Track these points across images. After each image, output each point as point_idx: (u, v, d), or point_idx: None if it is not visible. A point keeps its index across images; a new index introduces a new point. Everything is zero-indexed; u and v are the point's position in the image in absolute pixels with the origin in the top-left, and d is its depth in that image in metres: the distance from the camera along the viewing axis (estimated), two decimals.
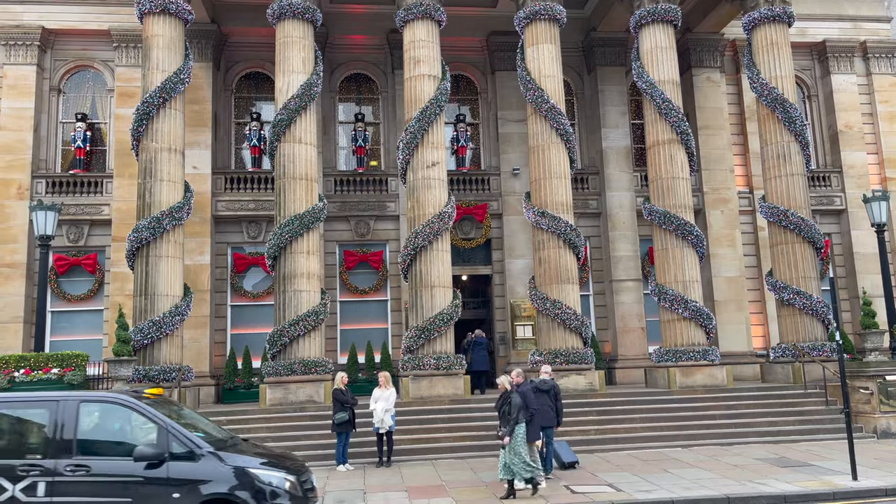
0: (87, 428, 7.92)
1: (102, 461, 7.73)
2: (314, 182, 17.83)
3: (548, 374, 12.97)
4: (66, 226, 19.97)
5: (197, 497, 7.54)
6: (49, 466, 7.56)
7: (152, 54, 17.42)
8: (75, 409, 7.89)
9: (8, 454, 7.81)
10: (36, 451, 7.79)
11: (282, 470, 8.03)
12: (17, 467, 7.55)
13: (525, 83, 18.54)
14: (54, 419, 7.81)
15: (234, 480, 7.67)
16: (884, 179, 23.59)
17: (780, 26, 19.42)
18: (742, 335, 22.04)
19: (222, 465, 7.76)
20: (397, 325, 21.15)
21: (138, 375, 15.70)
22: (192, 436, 7.98)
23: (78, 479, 7.55)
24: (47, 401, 8.13)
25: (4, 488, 7.44)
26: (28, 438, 8.11)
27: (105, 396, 8.52)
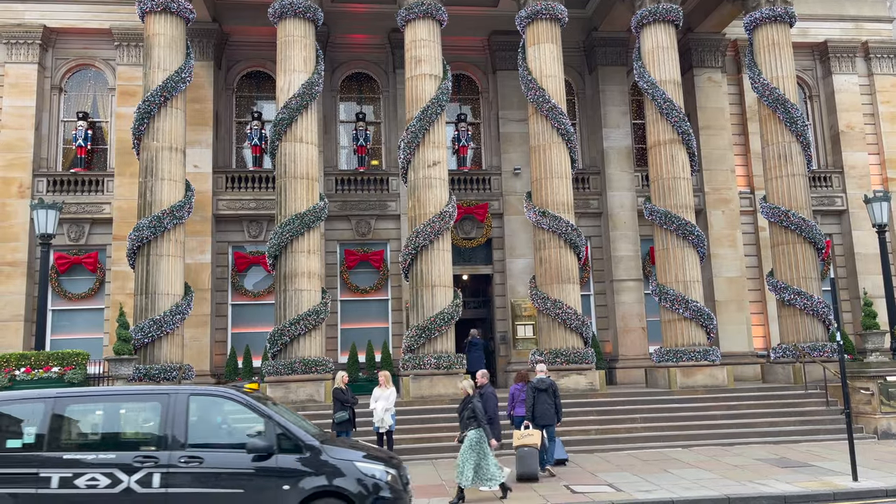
0: (196, 421, 8.04)
1: (213, 453, 7.85)
2: (315, 181, 17.83)
3: (543, 372, 13.03)
4: (67, 224, 19.98)
5: (305, 489, 7.66)
6: (164, 458, 7.67)
7: (153, 53, 17.42)
8: (185, 402, 8.00)
9: (123, 446, 7.95)
10: (149, 444, 7.89)
11: (381, 462, 8.17)
12: (133, 459, 7.66)
13: (526, 83, 18.53)
14: (165, 412, 7.93)
15: (341, 473, 7.80)
16: (885, 180, 23.56)
17: (781, 26, 19.40)
18: (743, 335, 22.04)
19: (328, 458, 7.89)
20: (398, 324, 21.16)
21: (139, 374, 15.71)
22: (298, 429, 8.08)
23: (191, 470, 7.66)
24: (159, 394, 8.26)
25: (120, 479, 7.56)
26: (141, 431, 8.23)
27: (214, 390, 8.65)
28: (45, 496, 7.47)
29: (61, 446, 7.80)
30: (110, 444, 8.00)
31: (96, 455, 7.70)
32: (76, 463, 7.60)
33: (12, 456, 7.72)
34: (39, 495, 7.47)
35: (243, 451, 7.75)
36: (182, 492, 7.57)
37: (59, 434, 7.89)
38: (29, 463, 7.62)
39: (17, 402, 8.36)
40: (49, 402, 7.98)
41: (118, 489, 7.52)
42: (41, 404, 8.01)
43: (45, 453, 7.68)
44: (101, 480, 7.53)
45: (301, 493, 7.60)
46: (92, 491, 7.51)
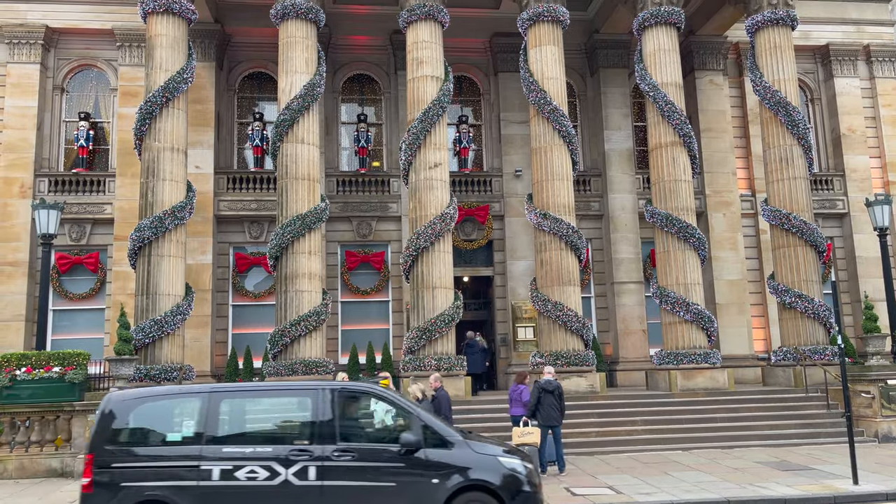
0: (344, 416, 8.17)
1: (364, 447, 7.99)
2: (316, 182, 17.84)
3: (551, 374, 13.11)
4: (69, 224, 20.00)
5: (454, 483, 7.78)
6: (318, 452, 7.78)
7: (156, 54, 17.45)
8: (332, 397, 8.13)
9: (277, 440, 8.07)
10: (302, 437, 8.01)
11: (518, 457, 8.31)
12: (289, 452, 7.78)
13: (528, 85, 18.54)
14: (314, 407, 8.08)
15: (486, 467, 7.94)
16: (886, 183, 23.56)
17: (783, 29, 19.40)
18: (743, 338, 22.02)
19: (473, 453, 8.03)
20: (398, 325, 21.16)
21: (139, 374, 15.71)
22: (441, 425, 8.27)
23: (344, 463, 7.76)
24: (307, 389, 8.46)
25: (278, 472, 7.68)
26: (294, 425, 8.35)
27: (360, 386, 8.80)
28: (208, 488, 7.61)
29: (219, 440, 7.94)
30: (265, 438, 8.15)
31: (254, 448, 7.83)
32: (235, 456, 7.74)
33: (175, 449, 7.88)
34: (202, 487, 7.61)
35: (390, 445, 7.95)
36: (337, 484, 7.71)
37: (215, 428, 8.00)
38: (190, 456, 7.76)
39: (173, 396, 8.52)
40: (204, 397, 8.12)
41: (276, 481, 7.65)
42: (197, 399, 8.16)
43: (204, 446, 7.82)
44: (260, 473, 7.67)
45: (450, 486, 7.77)
46: (252, 483, 7.64)
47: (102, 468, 7.64)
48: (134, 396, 8.27)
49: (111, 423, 7.90)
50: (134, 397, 8.26)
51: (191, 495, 7.56)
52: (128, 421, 8.02)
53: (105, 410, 7.95)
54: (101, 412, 7.95)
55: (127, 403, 8.09)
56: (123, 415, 8.00)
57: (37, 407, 14.00)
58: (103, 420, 7.89)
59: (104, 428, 7.85)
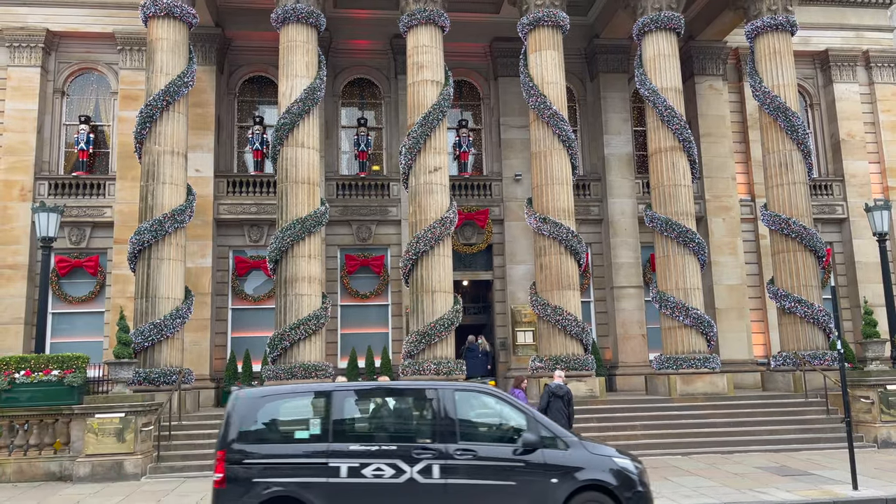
0: (463, 415, 8.31)
1: (484, 446, 8.10)
2: (316, 186, 17.86)
3: (561, 378, 12.97)
4: (69, 228, 20.00)
5: (572, 483, 7.92)
6: (440, 450, 7.91)
7: (156, 57, 17.47)
8: (452, 397, 8.27)
9: (401, 438, 8.19)
10: (424, 436, 8.15)
11: (629, 458, 8.42)
12: (413, 450, 7.92)
13: (528, 89, 18.57)
14: (436, 406, 8.23)
15: (602, 467, 8.08)
16: (886, 189, 23.59)
17: (782, 35, 19.46)
18: (743, 343, 22.02)
19: (589, 454, 8.20)
20: (398, 329, 21.15)
21: (138, 378, 15.71)
22: (556, 426, 8.38)
23: (466, 462, 7.88)
24: (428, 389, 8.57)
25: (403, 470, 7.82)
26: (417, 424, 8.50)
27: (476, 387, 8.93)
28: (336, 485, 7.75)
29: (345, 437, 8.08)
30: (389, 436, 8.28)
31: (379, 446, 7.97)
32: (362, 453, 7.88)
33: (302, 446, 8.03)
34: (330, 484, 7.75)
35: (507, 444, 8.09)
36: (460, 482, 7.82)
37: (341, 426, 8.17)
38: (318, 453, 7.90)
39: (298, 395, 8.71)
40: (329, 396, 8.29)
41: (402, 479, 7.79)
42: (321, 398, 8.35)
43: (332, 444, 7.95)
44: (386, 470, 7.81)
45: (569, 486, 7.89)
46: (378, 480, 7.78)
47: (234, 464, 7.80)
48: (260, 395, 8.45)
49: (239, 420, 8.02)
50: (259, 396, 8.43)
51: (320, 492, 7.71)
52: (255, 419, 8.16)
53: (233, 408, 8.08)
54: (230, 410, 8.06)
55: (253, 402, 8.24)
56: (251, 413, 8.14)
57: (35, 410, 13.99)
58: (232, 418, 8.02)
59: (233, 425, 7.97)
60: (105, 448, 13.54)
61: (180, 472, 14.03)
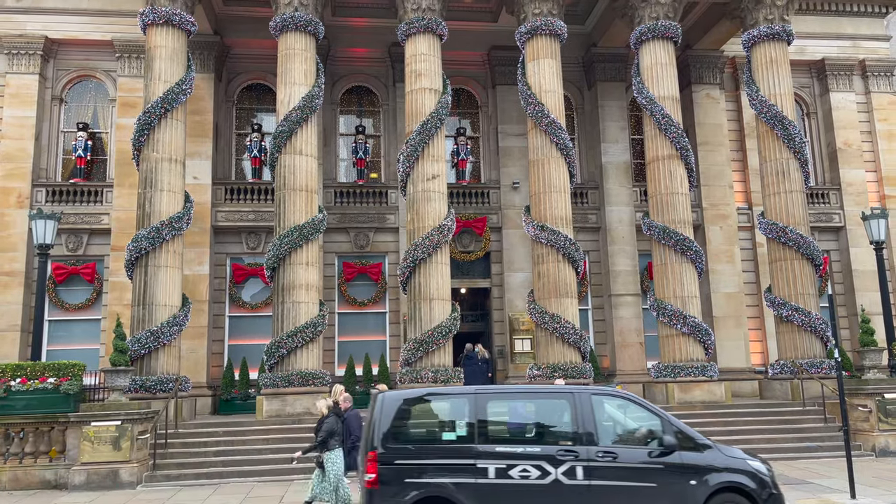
0: (601, 418, 8.46)
1: (623, 449, 8.27)
2: (314, 193, 17.86)
3: None
4: (66, 235, 19.96)
5: (711, 484, 8.05)
6: (582, 452, 8.08)
7: (155, 65, 17.50)
8: (589, 401, 8.45)
9: (543, 440, 8.43)
10: (566, 438, 8.33)
11: (758, 459, 8.53)
12: (556, 452, 8.08)
13: (525, 98, 18.62)
14: (574, 410, 8.40)
15: (737, 470, 8.20)
16: (882, 197, 23.65)
17: (779, 44, 19.54)
18: (741, 351, 22.01)
19: (724, 456, 8.31)
20: (395, 337, 21.12)
21: (135, 385, 15.66)
22: (690, 429, 8.51)
23: (607, 464, 8.06)
24: (565, 393, 8.77)
25: (548, 471, 7.99)
26: (558, 427, 8.64)
27: (611, 391, 9.14)
28: (485, 485, 7.95)
29: (490, 439, 8.25)
30: (531, 439, 8.49)
31: (524, 448, 8.18)
32: (508, 455, 8.08)
33: (450, 448, 8.21)
34: (479, 484, 7.95)
35: (644, 447, 8.24)
36: (603, 484, 7.98)
37: (485, 428, 8.31)
38: (466, 454, 8.09)
39: (442, 397, 9.08)
40: (471, 398, 8.49)
41: (547, 480, 7.96)
42: (464, 400, 8.55)
43: (478, 445, 8.14)
44: (532, 472, 7.99)
45: (707, 488, 8.02)
46: (525, 481, 7.97)
47: (385, 465, 8.00)
48: (405, 397, 8.70)
49: (386, 422, 8.23)
50: (405, 398, 8.67)
51: (469, 492, 7.91)
52: (401, 420, 8.38)
53: (378, 410, 8.28)
54: (379, 412, 8.26)
55: (399, 404, 8.45)
56: (399, 414, 8.36)
57: (31, 418, 13.95)
58: (378, 419, 8.23)
59: (380, 427, 8.20)
60: (101, 456, 13.49)
61: (176, 480, 13.97)
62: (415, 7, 18.36)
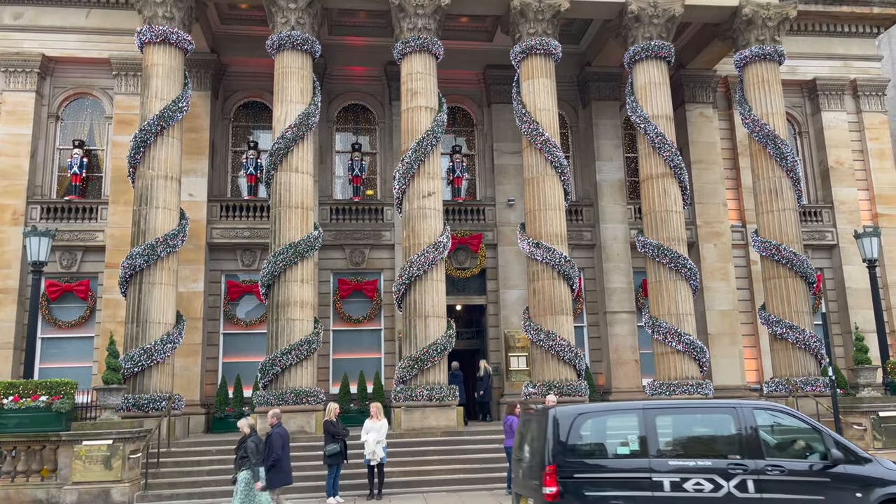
0: (765, 432, 8.69)
1: (788, 462, 8.42)
2: (310, 211, 17.88)
3: (553, 402, 13.14)
4: (60, 252, 19.92)
5: (877, 496, 8.19)
6: (751, 466, 8.26)
7: (151, 83, 17.57)
8: (752, 415, 8.65)
9: (712, 453, 8.54)
10: (734, 452, 8.47)
11: None
12: (727, 465, 8.26)
13: (521, 116, 18.74)
14: (738, 423, 8.61)
15: None
16: (875, 215, 23.78)
17: (770, 64, 19.74)
18: (736, 369, 22.00)
19: (885, 469, 8.50)
20: (390, 354, 21.06)
21: (127, 404, 15.55)
22: (852, 443, 8.75)
23: (776, 477, 8.22)
24: (728, 407, 8.96)
25: (720, 484, 8.17)
26: (725, 440, 8.75)
27: (772, 405, 9.33)
28: (661, 499, 8.11)
29: (662, 453, 8.46)
30: (701, 452, 8.59)
31: (696, 462, 8.33)
32: (681, 468, 8.26)
33: (624, 462, 8.45)
34: (655, 498, 8.11)
35: (807, 460, 8.43)
36: (773, 497, 8.12)
37: (656, 442, 8.50)
38: (641, 468, 8.28)
39: (612, 413, 9.21)
40: (640, 413, 8.72)
41: (720, 493, 8.12)
42: (634, 415, 8.76)
43: (651, 459, 8.33)
44: (706, 485, 8.15)
45: (873, 499, 8.17)
46: (699, 495, 8.11)
47: (565, 478, 8.17)
48: (577, 412, 8.83)
49: (562, 436, 8.43)
50: (578, 413, 8.80)
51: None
52: (578, 435, 8.55)
53: (554, 425, 8.47)
54: (552, 427, 8.45)
55: (572, 419, 8.61)
56: (573, 429, 8.53)
57: (23, 436, 13.83)
58: (556, 434, 8.43)
59: (557, 441, 8.39)
60: (92, 475, 13.36)
61: (168, 500, 13.85)
62: (411, 27, 18.51)
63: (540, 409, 9.02)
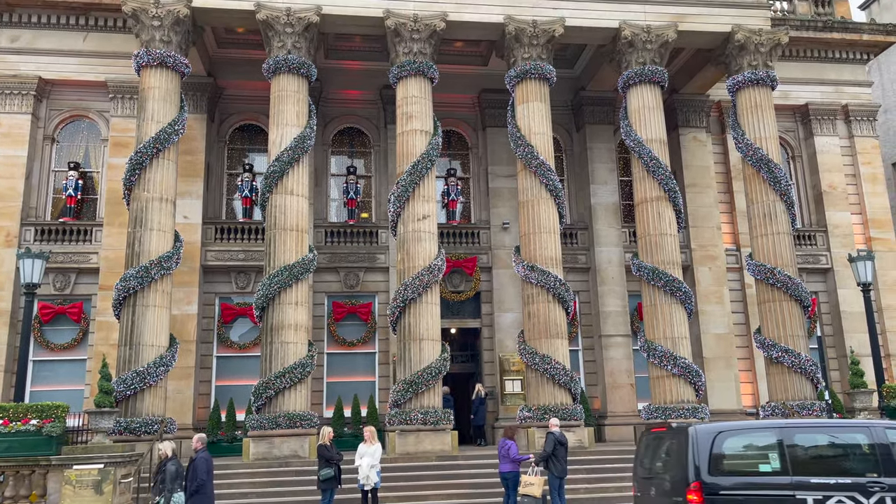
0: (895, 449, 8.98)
1: None
2: (305, 233, 17.88)
3: (557, 427, 13.56)
4: (53, 274, 19.82)
5: None
6: (888, 483, 8.57)
7: (148, 105, 17.64)
8: (884, 433, 9.01)
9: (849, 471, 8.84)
10: (871, 470, 8.79)
11: None
12: (866, 483, 8.57)
13: (515, 140, 18.84)
14: (873, 442, 8.95)
15: None
16: (868, 239, 23.87)
17: (763, 89, 19.92)
18: (731, 392, 21.92)
19: None
20: (385, 378, 20.93)
21: (119, 427, 15.39)
22: None
23: None
24: (862, 426, 9.33)
25: (861, 502, 8.46)
26: (860, 458, 9.12)
27: None
28: None
29: (802, 471, 8.73)
30: (840, 470, 8.91)
31: (835, 479, 8.62)
32: (822, 486, 8.54)
33: (766, 480, 8.78)
34: None
35: None
36: None
37: (796, 459, 8.84)
38: (784, 485, 8.60)
39: (751, 431, 9.60)
40: (778, 432, 9.11)
41: None
42: (772, 434, 9.15)
43: (793, 477, 8.64)
44: (847, 503, 8.45)
45: None
46: None
47: (710, 495, 8.49)
48: (718, 430, 9.14)
49: (706, 454, 8.73)
50: (718, 431, 9.12)
51: None
52: (720, 453, 8.85)
53: (695, 443, 8.81)
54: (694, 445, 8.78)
55: (713, 437, 8.93)
56: (714, 447, 8.83)
57: (12, 461, 13.63)
58: (698, 452, 8.74)
59: (698, 459, 8.70)
60: (82, 500, 13.15)
61: None
62: (406, 51, 18.66)
63: (676, 428, 9.36)
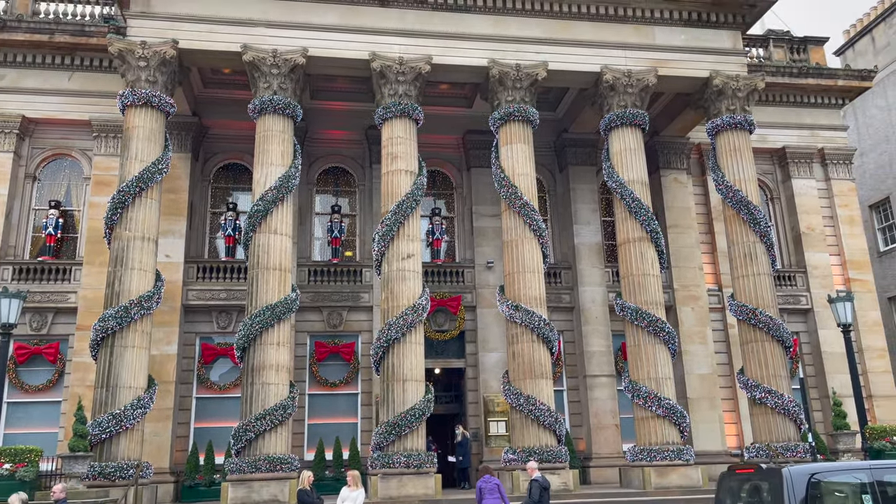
0: None
1: None
2: (288, 272, 17.77)
3: (535, 470, 13.57)
4: (30, 314, 19.47)
5: None
6: None
7: (132, 144, 17.60)
8: None
9: None
10: None
11: None
12: None
13: (499, 180, 18.99)
14: None
15: None
16: (847, 280, 24.16)
17: (741, 133, 20.30)
18: (716, 433, 21.84)
19: None
20: (368, 419, 20.64)
21: (93, 472, 14.98)
22: None
23: None
24: None
25: None
26: None
27: None
28: None
29: None
30: None
31: None
32: None
33: None
34: None
35: None
36: None
37: (887, 499, 9.36)
38: None
39: (845, 472, 10.12)
40: (868, 473, 9.68)
41: None
42: (863, 474, 9.70)
43: None
44: None
45: None
46: None
47: None
48: (812, 472, 9.56)
49: (801, 495, 9.08)
50: (812, 472, 9.53)
51: None
52: (816, 493, 9.28)
53: (791, 485, 9.14)
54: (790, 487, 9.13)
55: (808, 478, 9.30)
56: (809, 488, 9.19)
57: None
58: (793, 493, 9.08)
59: (796, 499, 9.04)
60: None
61: None
62: (392, 93, 18.87)
63: (767, 470, 9.76)
